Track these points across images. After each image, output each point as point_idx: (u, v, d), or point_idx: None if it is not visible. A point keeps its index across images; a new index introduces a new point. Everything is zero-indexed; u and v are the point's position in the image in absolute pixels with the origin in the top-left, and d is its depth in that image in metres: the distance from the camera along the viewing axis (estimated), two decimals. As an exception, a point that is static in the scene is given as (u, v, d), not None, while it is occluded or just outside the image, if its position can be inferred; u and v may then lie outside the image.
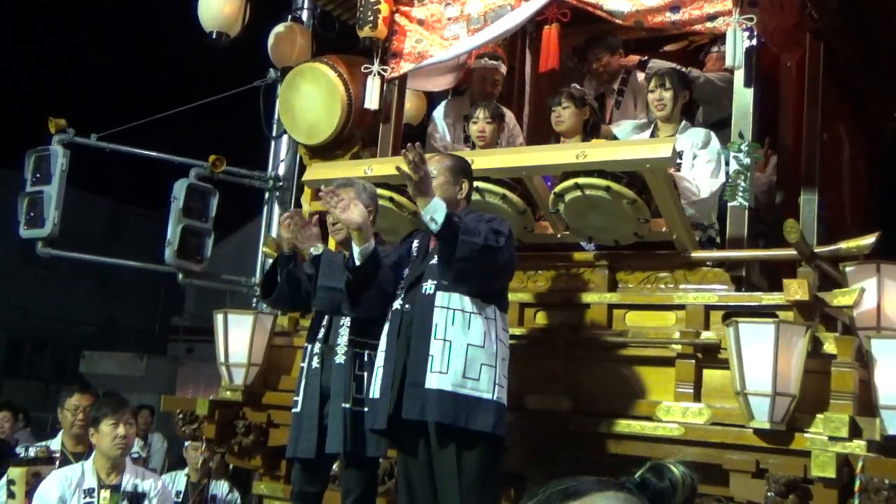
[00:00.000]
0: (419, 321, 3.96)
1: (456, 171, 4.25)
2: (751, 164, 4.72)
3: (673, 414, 4.30)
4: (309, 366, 4.59)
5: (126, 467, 4.76)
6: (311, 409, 4.50)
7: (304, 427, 4.49)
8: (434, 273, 4.00)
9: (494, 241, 3.86)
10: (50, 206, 8.63)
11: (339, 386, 4.42)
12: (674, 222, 4.56)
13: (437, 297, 3.95)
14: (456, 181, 4.22)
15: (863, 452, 3.83)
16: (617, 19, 5.09)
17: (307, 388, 4.55)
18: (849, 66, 6.14)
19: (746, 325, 4.03)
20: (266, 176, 9.25)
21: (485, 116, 5.53)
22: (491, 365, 3.89)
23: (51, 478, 4.75)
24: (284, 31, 7.47)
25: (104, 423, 4.64)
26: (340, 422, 4.35)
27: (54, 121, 8.79)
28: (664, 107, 5.11)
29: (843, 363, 4.04)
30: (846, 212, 6.61)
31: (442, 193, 4.07)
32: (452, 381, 3.82)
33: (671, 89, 5.13)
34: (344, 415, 4.35)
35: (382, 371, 4.08)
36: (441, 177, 4.18)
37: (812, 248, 4.43)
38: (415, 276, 4.10)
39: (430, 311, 3.93)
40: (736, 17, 4.64)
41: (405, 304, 4.07)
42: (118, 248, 21.27)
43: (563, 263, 5.00)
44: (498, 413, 3.87)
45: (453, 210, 4.04)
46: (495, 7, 5.44)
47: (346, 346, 4.47)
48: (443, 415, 3.81)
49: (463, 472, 3.83)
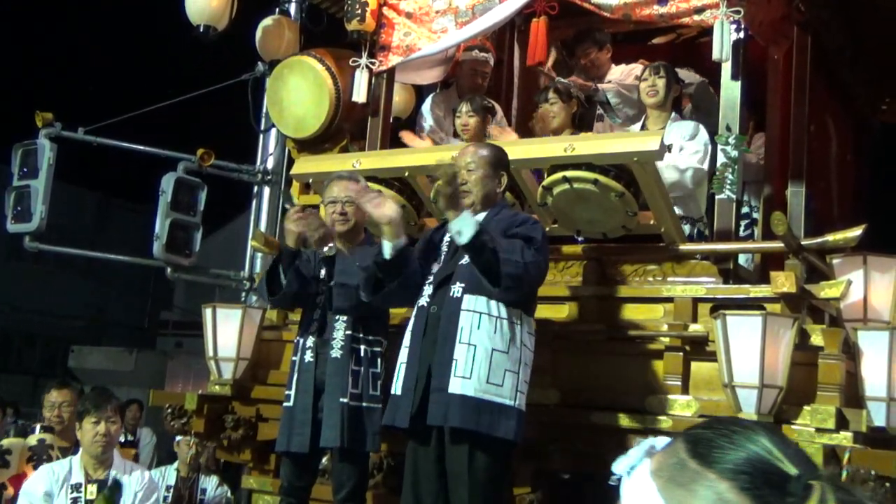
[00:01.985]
0: (446, 323, 3.93)
1: (495, 163, 4.19)
2: (738, 157, 4.74)
3: (661, 406, 4.31)
4: (301, 360, 4.58)
5: (114, 462, 4.75)
6: (305, 404, 4.49)
7: (297, 422, 4.48)
8: (463, 274, 3.96)
9: (532, 257, 3.85)
10: (37, 200, 8.58)
11: (336, 381, 4.41)
12: (662, 215, 4.57)
13: (464, 300, 3.91)
14: (496, 174, 4.17)
15: (849, 444, 3.85)
16: (605, 12, 5.09)
17: (300, 383, 4.55)
18: (836, 58, 6.17)
19: (734, 318, 4.05)
20: (255, 169, 9.22)
21: (467, 110, 5.53)
22: (514, 371, 3.88)
23: (38, 473, 4.74)
24: (272, 25, 7.45)
25: (86, 420, 4.62)
26: (338, 416, 4.34)
27: (41, 114, 8.74)
28: (656, 93, 5.15)
29: (830, 355, 4.06)
30: (834, 203, 6.64)
31: (482, 188, 4.10)
32: (476, 387, 3.81)
33: (664, 77, 5.17)
34: (342, 410, 4.34)
35: (406, 368, 4.05)
36: (481, 170, 4.14)
37: (799, 241, 4.44)
38: (443, 275, 4.06)
39: (457, 315, 3.90)
40: (723, 9, 4.64)
41: (432, 306, 4.04)
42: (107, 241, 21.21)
43: (551, 257, 4.98)
44: (519, 420, 3.87)
45: (488, 205, 4.09)
46: (483, 0, 5.43)
47: (342, 340, 4.46)
48: (466, 420, 3.80)
49: (474, 471, 3.83)
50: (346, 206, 4.57)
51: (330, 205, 4.62)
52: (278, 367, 5.38)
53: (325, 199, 4.67)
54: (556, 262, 4.99)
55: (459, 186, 3.95)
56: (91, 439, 4.60)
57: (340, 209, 4.56)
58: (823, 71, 5.98)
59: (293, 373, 4.59)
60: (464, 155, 4.21)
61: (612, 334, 4.61)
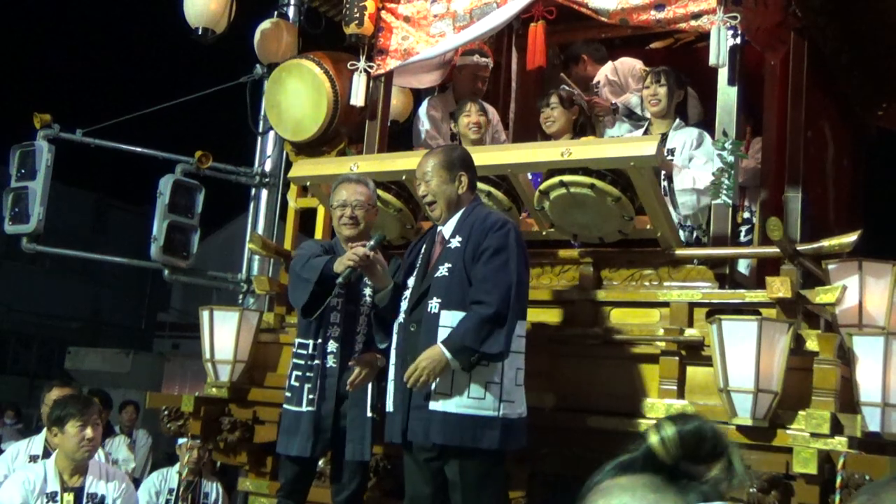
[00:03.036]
0: (424, 340, 3.90)
1: (449, 165, 4.12)
2: (735, 162, 4.75)
3: (656, 410, 4.32)
4: (323, 364, 4.47)
5: (88, 468, 4.64)
6: (328, 410, 4.42)
7: (322, 427, 4.40)
8: (439, 289, 3.95)
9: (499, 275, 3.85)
10: (35, 201, 8.57)
11: (362, 393, 4.38)
12: (658, 220, 4.58)
13: (441, 316, 3.90)
14: (452, 177, 4.11)
15: (844, 449, 3.85)
16: (602, 17, 5.10)
17: (324, 389, 4.44)
18: (833, 63, 6.17)
19: (729, 323, 4.06)
20: (252, 172, 9.23)
21: (477, 110, 5.57)
22: (496, 382, 3.86)
23: (12, 481, 4.63)
24: (270, 28, 7.46)
25: (70, 424, 4.49)
26: (366, 431, 4.34)
27: (39, 116, 8.73)
28: (658, 102, 5.18)
29: (825, 360, 4.08)
30: (830, 209, 6.65)
31: (443, 196, 4.07)
32: (457, 403, 3.82)
33: (665, 85, 5.19)
34: (371, 425, 4.34)
35: (393, 386, 4.08)
36: (436, 177, 4.10)
37: (795, 246, 4.45)
38: (420, 291, 4.04)
39: (435, 331, 3.89)
40: (720, 15, 4.66)
41: (411, 323, 4.03)
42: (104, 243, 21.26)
43: (547, 261, 5.02)
44: (504, 429, 3.86)
45: (455, 209, 4.10)
46: (481, 4, 5.44)
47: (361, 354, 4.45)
48: (448, 437, 3.83)
49: (466, 480, 3.87)
50: (356, 211, 4.50)
51: (339, 208, 4.53)
52: (275, 369, 5.39)
53: (334, 202, 4.56)
54: (552, 266, 5.01)
55: (376, 263, 4.13)
56: (76, 444, 4.49)
57: (350, 213, 4.49)
58: (820, 76, 5.99)
59: (315, 376, 4.44)
60: (419, 166, 4.20)
61: (608, 338, 4.62)
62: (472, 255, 3.92)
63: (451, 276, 3.95)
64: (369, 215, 4.54)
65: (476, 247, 3.92)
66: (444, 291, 3.94)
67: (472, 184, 4.20)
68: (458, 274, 3.92)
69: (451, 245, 4.02)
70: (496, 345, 3.79)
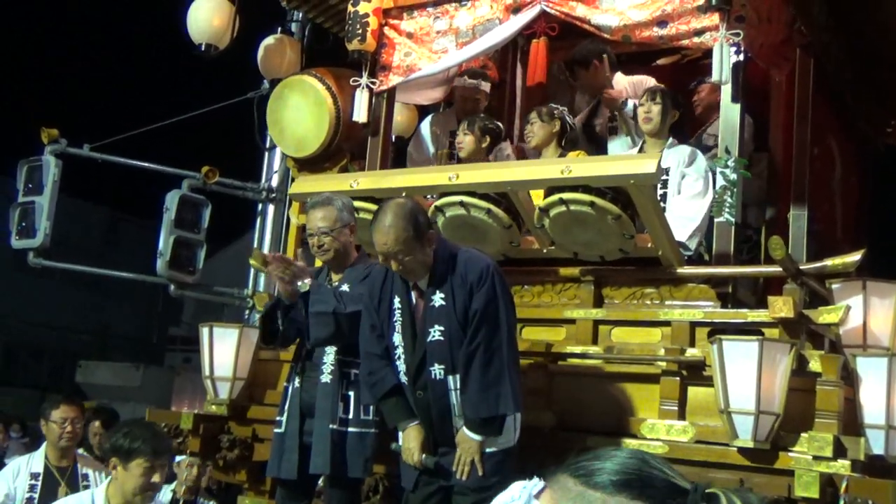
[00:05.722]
0: (437, 405, 3.96)
1: (411, 229, 3.90)
2: (738, 180, 4.71)
3: (657, 431, 4.27)
4: (291, 384, 4.55)
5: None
6: (293, 429, 4.45)
7: (286, 447, 4.44)
8: (439, 355, 3.94)
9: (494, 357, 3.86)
10: (41, 216, 8.60)
11: (326, 405, 4.35)
12: (659, 238, 4.54)
13: (448, 381, 3.93)
14: (421, 242, 3.93)
15: (847, 472, 3.78)
16: (604, 34, 5.08)
17: (290, 408, 4.51)
18: (839, 80, 6.13)
19: (730, 343, 4.00)
20: (259, 187, 9.24)
21: (464, 128, 5.54)
22: None
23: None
24: (274, 44, 7.47)
25: (136, 463, 3.77)
26: (327, 442, 4.29)
27: (47, 131, 8.78)
28: (650, 120, 5.14)
29: (828, 381, 4.01)
30: (837, 227, 6.59)
31: (419, 264, 3.96)
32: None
33: (660, 104, 5.15)
34: (331, 436, 4.29)
35: None
36: (406, 255, 3.91)
37: (797, 265, 4.40)
38: (418, 357, 3.99)
39: (447, 396, 3.94)
40: (723, 32, 4.62)
41: (417, 391, 4.03)
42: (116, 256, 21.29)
43: (549, 278, 4.98)
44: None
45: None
46: (483, 21, 5.43)
47: (332, 364, 4.40)
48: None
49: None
50: (322, 239, 4.46)
51: (309, 237, 4.54)
52: (275, 387, 5.35)
53: (307, 229, 4.58)
54: (553, 285, 4.97)
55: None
56: (137, 487, 3.77)
57: (318, 242, 4.47)
58: (827, 93, 5.95)
59: (286, 398, 4.56)
60: (378, 243, 3.97)
61: (608, 358, 4.57)
62: (463, 317, 3.89)
63: (447, 339, 3.93)
64: (341, 237, 4.47)
65: (465, 308, 3.89)
66: (445, 356, 3.94)
67: (431, 226, 4.11)
68: (456, 336, 3.91)
69: (434, 304, 3.96)
70: (507, 403, 3.84)
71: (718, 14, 4.64)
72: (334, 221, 4.46)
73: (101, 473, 5.24)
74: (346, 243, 4.53)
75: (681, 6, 4.81)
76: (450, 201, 4.75)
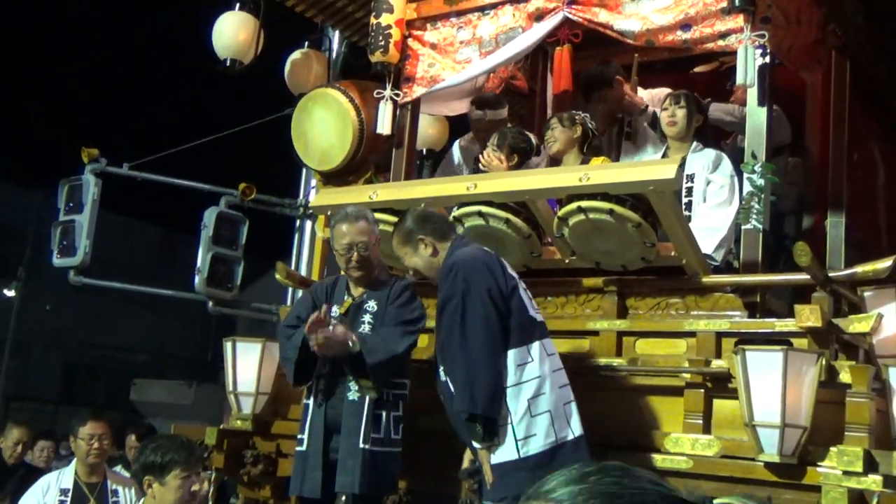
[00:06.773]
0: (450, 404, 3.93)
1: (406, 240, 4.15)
2: (765, 186, 4.56)
3: (681, 446, 4.13)
4: (312, 401, 4.46)
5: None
6: (316, 447, 4.35)
7: (308, 465, 4.35)
8: (438, 356, 3.99)
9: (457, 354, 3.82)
10: (81, 234, 8.71)
11: (354, 424, 4.25)
12: (682, 246, 4.40)
13: (449, 384, 3.89)
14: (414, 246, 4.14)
15: (878, 488, 3.61)
16: (628, 39, 4.97)
17: (312, 426, 4.41)
18: (878, 83, 5.93)
19: (754, 354, 3.85)
20: (297, 203, 9.26)
21: (493, 143, 5.40)
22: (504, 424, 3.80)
23: None
24: (300, 58, 7.47)
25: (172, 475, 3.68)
26: (357, 461, 4.18)
27: (87, 150, 8.90)
28: (675, 124, 5.02)
29: (859, 393, 3.84)
30: (882, 235, 6.36)
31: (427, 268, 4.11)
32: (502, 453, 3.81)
33: (684, 108, 5.04)
34: (363, 455, 4.19)
35: None
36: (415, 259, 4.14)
37: (826, 272, 4.23)
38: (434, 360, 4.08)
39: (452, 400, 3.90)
40: (747, 34, 4.49)
41: (440, 395, 4.02)
42: (169, 275, 21.54)
43: (572, 289, 4.86)
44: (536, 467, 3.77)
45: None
46: (507, 30, 5.36)
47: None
48: None
49: None
50: (362, 253, 4.34)
51: (345, 252, 4.37)
52: (299, 402, 5.29)
53: (337, 245, 4.38)
54: (576, 296, 4.86)
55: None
56: (179, 499, 3.68)
57: (358, 257, 4.34)
58: (866, 97, 5.76)
59: (305, 415, 4.47)
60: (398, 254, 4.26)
61: (631, 369, 4.44)
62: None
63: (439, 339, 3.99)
64: (374, 251, 4.42)
65: None
66: (441, 357, 3.96)
67: (438, 234, 4.13)
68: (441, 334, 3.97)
69: None
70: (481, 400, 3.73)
71: (743, 16, 4.51)
72: (372, 233, 4.42)
73: (131, 490, 5.24)
74: (378, 258, 4.49)
75: (704, 9, 4.70)
76: (468, 211, 4.67)
